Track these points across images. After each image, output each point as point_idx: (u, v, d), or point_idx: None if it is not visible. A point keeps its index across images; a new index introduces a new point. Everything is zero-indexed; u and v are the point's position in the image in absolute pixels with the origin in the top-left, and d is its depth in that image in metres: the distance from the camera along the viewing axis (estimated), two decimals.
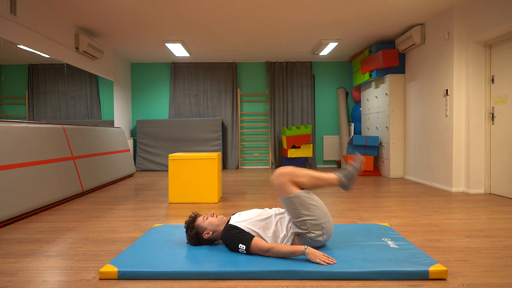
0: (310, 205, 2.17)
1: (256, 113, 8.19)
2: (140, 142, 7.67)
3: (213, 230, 2.32)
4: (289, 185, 2.19)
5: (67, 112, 5.23)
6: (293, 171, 2.23)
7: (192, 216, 2.38)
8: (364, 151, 6.51)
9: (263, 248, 2.11)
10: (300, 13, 4.94)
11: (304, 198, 2.18)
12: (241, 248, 2.15)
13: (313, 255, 2.01)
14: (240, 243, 2.15)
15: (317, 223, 2.17)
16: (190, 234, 2.33)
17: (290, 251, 2.06)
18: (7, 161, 3.29)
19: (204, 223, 2.33)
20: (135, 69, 8.15)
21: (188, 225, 2.35)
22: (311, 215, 2.16)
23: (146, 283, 1.88)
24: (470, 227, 2.92)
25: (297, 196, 2.17)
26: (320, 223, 2.17)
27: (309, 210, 2.16)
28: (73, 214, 3.53)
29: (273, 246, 2.09)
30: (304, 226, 2.17)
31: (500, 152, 4.31)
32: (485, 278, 1.90)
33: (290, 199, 2.18)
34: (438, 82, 5.02)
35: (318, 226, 2.17)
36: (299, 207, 2.16)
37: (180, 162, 4.06)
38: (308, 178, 2.24)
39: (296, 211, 2.17)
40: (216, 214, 2.40)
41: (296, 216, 2.18)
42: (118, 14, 4.92)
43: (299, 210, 2.16)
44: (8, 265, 2.15)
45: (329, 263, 1.98)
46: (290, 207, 2.19)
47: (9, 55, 4.02)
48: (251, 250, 2.13)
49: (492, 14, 4.10)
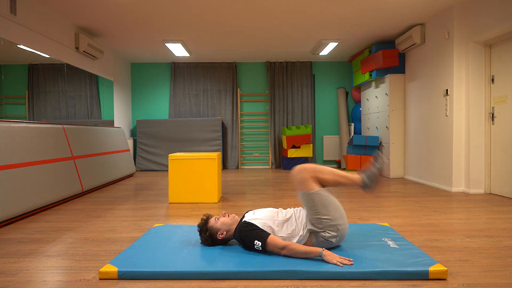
0: (329, 205, 2.16)
1: (256, 113, 8.19)
2: (140, 142, 7.67)
3: (227, 229, 2.31)
4: (310, 181, 2.17)
5: (67, 112, 5.23)
6: (316, 167, 2.21)
7: (204, 218, 2.37)
8: (364, 151, 6.50)
9: (279, 245, 2.09)
10: (300, 13, 4.94)
11: (324, 196, 2.17)
12: (257, 244, 2.13)
13: (330, 257, 2.00)
14: (256, 239, 2.13)
15: (333, 224, 2.15)
16: (204, 236, 2.32)
17: (307, 251, 2.05)
18: (7, 161, 3.29)
19: (217, 224, 2.31)
20: (135, 69, 8.15)
21: (201, 228, 2.33)
22: (328, 214, 2.15)
23: (146, 283, 1.88)
24: (470, 227, 2.92)
25: (318, 193, 2.16)
26: (336, 224, 2.16)
27: (328, 209, 2.15)
28: (73, 214, 3.53)
29: (289, 244, 2.08)
30: (320, 224, 2.15)
31: (500, 152, 4.31)
32: (485, 278, 1.90)
33: (310, 196, 2.16)
34: (438, 82, 5.02)
35: (334, 227, 2.16)
36: (318, 204, 2.15)
37: (180, 162, 4.06)
38: (331, 176, 2.22)
39: (314, 208, 2.15)
40: (227, 214, 2.38)
41: (313, 213, 2.16)
42: (118, 14, 4.92)
43: (318, 208, 2.15)
44: (8, 265, 2.15)
45: (346, 264, 1.97)
46: (309, 203, 2.17)
47: (9, 55, 4.02)
48: (267, 247, 2.12)
49: (492, 14, 4.10)
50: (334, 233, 2.16)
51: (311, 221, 2.18)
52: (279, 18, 5.15)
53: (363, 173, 2.29)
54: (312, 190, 2.16)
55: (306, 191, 2.17)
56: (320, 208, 2.15)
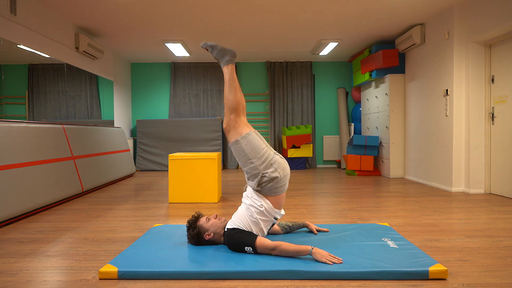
0: (248, 147, 2.22)
1: (256, 113, 8.19)
2: (140, 142, 7.67)
3: (215, 232, 2.31)
4: (233, 130, 2.26)
5: (67, 112, 5.23)
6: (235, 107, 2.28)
7: (195, 215, 2.37)
8: (364, 151, 6.51)
9: (269, 246, 2.10)
10: (300, 13, 4.94)
11: (254, 137, 2.24)
12: (248, 249, 2.14)
13: (319, 255, 2.01)
14: (245, 245, 2.14)
15: (266, 163, 2.21)
16: (191, 233, 2.32)
17: (297, 250, 2.06)
18: (7, 161, 3.29)
19: (207, 224, 2.31)
20: (135, 69, 8.15)
21: (190, 224, 2.33)
22: (256, 156, 2.21)
23: (146, 283, 1.88)
24: (470, 227, 2.92)
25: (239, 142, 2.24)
26: (266, 162, 2.21)
27: (252, 152, 2.21)
28: (73, 214, 3.53)
29: (279, 245, 2.09)
30: (256, 170, 2.20)
31: (500, 152, 4.31)
32: (485, 278, 1.90)
33: (234, 145, 2.26)
34: (438, 82, 5.02)
35: (267, 163, 2.21)
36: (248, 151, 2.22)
37: (180, 162, 4.06)
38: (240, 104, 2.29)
39: (241, 156, 2.23)
40: (219, 217, 2.38)
41: (243, 164, 2.24)
42: (118, 14, 4.92)
43: (244, 157, 2.22)
44: (8, 265, 2.15)
45: (335, 263, 1.98)
46: (237, 155, 2.25)
47: (9, 55, 4.02)
48: (258, 250, 2.12)
49: (492, 14, 4.10)
50: (271, 168, 2.21)
51: (249, 176, 2.25)
52: (279, 18, 5.15)
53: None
54: (235, 139, 2.25)
55: (232, 142, 2.26)
56: (247, 154, 2.22)
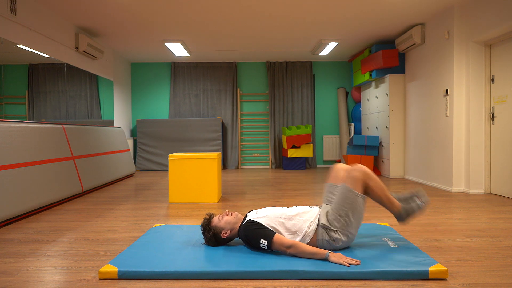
0: (358, 212, 2.17)
1: (256, 113, 8.19)
2: (140, 142, 7.67)
3: (231, 228, 2.29)
4: (360, 183, 2.19)
5: (67, 112, 5.23)
6: (371, 175, 2.22)
7: (206, 217, 2.35)
8: (364, 151, 6.51)
9: (286, 244, 2.08)
10: (300, 13, 4.94)
11: (360, 203, 2.18)
12: (263, 243, 2.12)
13: (336, 257, 2.00)
14: (262, 238, 2.12)
15: (348, 229, 2.16)
16: (208, 236, 2.30)
17: (313, 252, 2.05)
18: (7, 161, 3.29)
19: (221, 223, 2.30)
20: (135, 69, 8.15)
21: (204, 227, 2.31)
22: (351, 219, 2.16)
23: (146, 283, 1.88)
24: (470, 227, 2.92)
25: (360, 196, 2.18)
26: (350, 231, 2.17)
27: (354, 215, 2.16)
28: (73, 214, 3.53)
29: (296, 243, 2.08)
30: (338, 224, 2.16)
31: (500, 152, 4.31)
32: (485, 278, 1.90)
33: (352, 194, 2.17)
34: (438, 82, 5.02)
35: (347, 232, 2.17)
36: (351, 205, 2.16)
37: (180, 162, 4.06)
38: (378, 189, 2.22)
39: (345, 206, 2.16)
40: (231, 212, 2.37)
41: (340, 209, 2.17)
42: (118, 14, 4.92)
43: (347, 208, 2.16)
44: (8, 265, 2.15)
45: (353, 264, 1.97)
46: (344, 200, 2.18)
47: (9, 55, 4.02)
48: (273, 246, 2.11)
49: (492, 14, 4.10)
50: (343, 237, 2.16)
51: (329, 217, 2.18)
52: (279, 18, 5.15)
53: (405, 204, 2.28)
54: (356, 191, 2.17)
55: (352, 188, 2.18)
56: (349, 210, 2.16)
